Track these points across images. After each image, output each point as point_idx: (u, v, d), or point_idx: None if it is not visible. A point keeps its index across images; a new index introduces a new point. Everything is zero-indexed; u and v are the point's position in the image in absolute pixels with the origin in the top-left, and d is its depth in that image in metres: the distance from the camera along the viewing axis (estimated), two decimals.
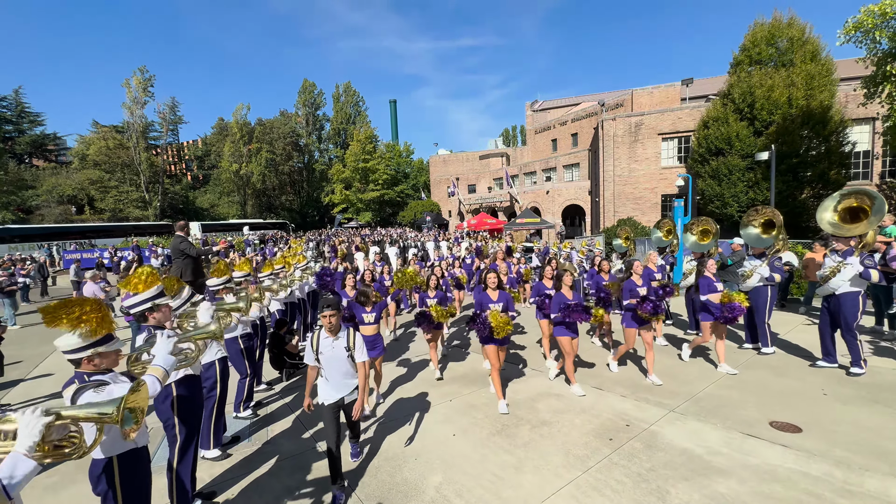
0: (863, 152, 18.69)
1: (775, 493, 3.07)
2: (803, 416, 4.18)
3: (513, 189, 32.18)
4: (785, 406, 4.45)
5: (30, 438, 1.51)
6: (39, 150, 47.94)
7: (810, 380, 5.10)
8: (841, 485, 3.12)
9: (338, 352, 3.32)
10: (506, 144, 54.35)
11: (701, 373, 5.54)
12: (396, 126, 76.35)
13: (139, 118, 44.33)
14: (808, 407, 4.40)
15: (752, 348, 6.36)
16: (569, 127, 32.74)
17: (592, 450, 3.79)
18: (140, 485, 2.36)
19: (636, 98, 27.55)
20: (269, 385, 5.83)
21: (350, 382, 3.41)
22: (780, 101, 16.47)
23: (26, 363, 7.47)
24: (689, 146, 21.18)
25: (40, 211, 40.08)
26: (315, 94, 56.44)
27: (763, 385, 5.04)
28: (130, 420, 1.79)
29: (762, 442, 3.78)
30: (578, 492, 3.22)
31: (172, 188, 49.81)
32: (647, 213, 22.70)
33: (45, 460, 1.60)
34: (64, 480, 3.71)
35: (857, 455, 3.48)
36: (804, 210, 16.29)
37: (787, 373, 5.39)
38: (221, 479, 3.64)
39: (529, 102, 40.31)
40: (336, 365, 3.33)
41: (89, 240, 27.79)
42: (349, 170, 46.80)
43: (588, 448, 3.82)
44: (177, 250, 6.76)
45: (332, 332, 3.33)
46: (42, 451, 1.58)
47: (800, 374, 5.32)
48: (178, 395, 3.14)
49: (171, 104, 48.62)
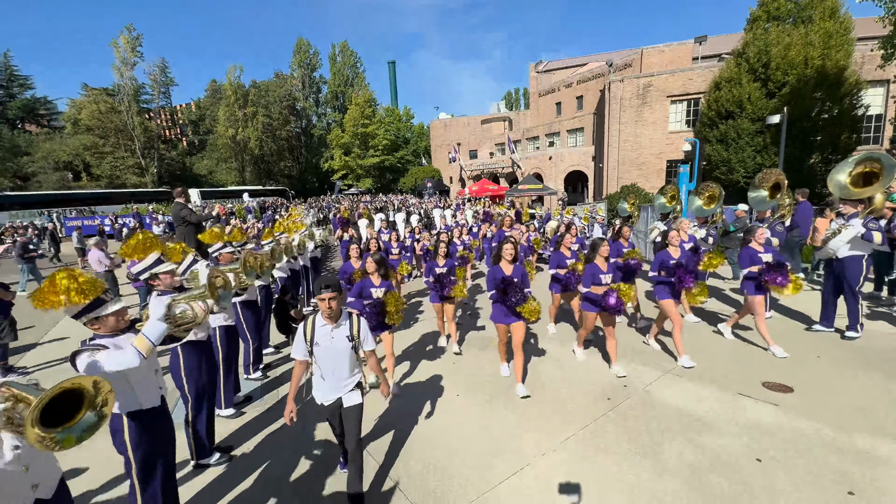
0: (875, 116, 18.17)
1: (765, 448, 3.22)
2: (796, 377, 4.30)
3: (515, 154, 31.57)
4: (779, 368, 4.57)
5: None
6: (31, 114, 46.77)
7: (806, 343, 5.21)
8: (830, 441, 3.26)
9: (338, 343, 2.72)
10: (508, 108, 52.74)
11: (700, 337, 5.65)
12: (396, 89, 73.92)
13: (129, 80, 42.91)
14: (802, 369, 4.53)
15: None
16: (574, 89, 31.62)
17: (590, 409, 3.94)
18: (151, 441, 2.47)
19: (646, 57, 26.40)
20: (276, 349, 6.00)
21: (349, 380, 2.83)
22: (797, 61, 15.80)
23: (38, 328, 7.65)
24: (699, 109, 20.55)
25: (37, 178, 39.70)
26: (310, 54, 54.18)
27: (758, 349, 5.16)
28: None
29: (754, 401, 3.92)
30: (577, 447, 3.39)
31: (168, 154, 48.95)
32: (651, 179, 22.36)
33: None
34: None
35: (846, 414, 3.61)
36: (812, 176, 16.03)
37: (783, 336, 5.48)
38: (237, 435, 3.83)
39: (534, 63, 38.67)
40: (335, 359, 2.74)
41: (89, 207, 27.65)
42: (348, 135, 45.74)
43: (586, 408, 3.98)
44: (178, 217, 6.75)
45: (332, 320, 2.72)
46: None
47: (796, 337, 5.42)
48: (185, 358, 3.25)
49: (161, 65, 46.87)
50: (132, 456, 2.40)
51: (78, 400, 1.65)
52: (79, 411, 1.65)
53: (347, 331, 2.77)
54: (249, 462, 3.43)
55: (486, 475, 3.11)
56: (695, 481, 2.92)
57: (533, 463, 3.21)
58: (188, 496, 3.02)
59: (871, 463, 2.99)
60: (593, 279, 4.50)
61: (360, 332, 2.83)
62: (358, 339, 2.81)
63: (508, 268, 4.32)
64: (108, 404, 1.73)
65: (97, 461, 3.46)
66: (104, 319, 2.31)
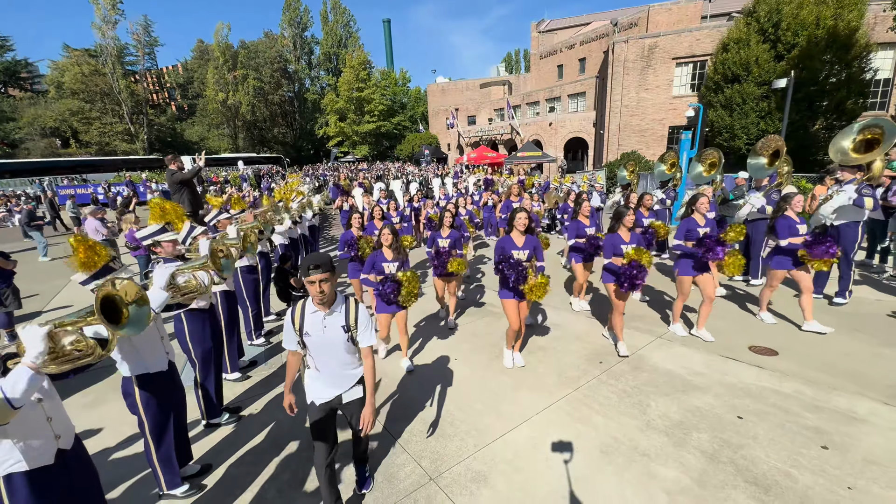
0: (882, 80, 17.72)
1: (746, 407, 3.39)
2: (782, 342, 4.47)
3: (514, 120, 30.82)
4: (766, 333, 4.73)
5: (34, 349, 1.67)
6: (13, 78, 44.76)
7: (795, 308, 5.34)
8: (809, 401, 3.44)
9: (331, 333, 2.27)
10: (508, 71, 50.93)
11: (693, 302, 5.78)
12: (391, 50, 70.90)
13: (112, 40, 40.93)
14: (788, 334, 4.69)
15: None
16: (576, 51, 30.42)
17: (583, 371, 4.11)
18: (161, 402, 2.60)
19: (653, 16, 25.24)
20: (278, 315, 6.12)
21: (350, 374, 2.41)
22: (808, 21, 15.20)
23: (42, 296, 7.75)
24: (704, 73, 19.93)
25: (25, 145, 38.69)
26: (301, 11, 51.51)
27: (748, 314, 5.30)
28: None
29: (740, 364, 4.08)
30: (569, 406, 3.56)
31: (158, 119, 47.50)
32: (652, 146, 22.02)
33: (62, 367, 1.80)
34: (97, 400, 4.06)
35: (828, 376, 3.79)
36: (814, 143, 15.84)
37: (772, 302, 5.64)
38: (244, 397, 3.99)
39: (535, 22, 36.93)
40: (329, 351, 2.31)
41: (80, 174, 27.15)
42: (343, 100, 44.30)
43: (580, 370, 4.14)
44: (173, 184, 6.69)
45: (325, 306, 2.25)
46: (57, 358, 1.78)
47: (784, 303, 5.56)
48: (189, 324, 3.34)
49: (144, 23, 44.54)
50: (144, 415, 2.53)
51: (114, 307, 1.91)
52: (122, 312, 1.92)
53: (343, 319, 2.29)
54: (258, 421, 3.60)
55: (483, 432, 3.29)
56: (678, 436, 3.10)
57: (527, 421, 3.38)
58: (201, 452, 3.20)
59: (848, 421, 3.17)
60: (614, 250, 4.23)
61: (359, 321, 2.32)
62: (355, 330, 2.32)
63: (520, 238, 3.94)
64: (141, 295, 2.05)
65: (112, 419, 3.63)
66: None
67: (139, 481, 2.95)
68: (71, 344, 1.81)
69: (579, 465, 2.90)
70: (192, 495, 2.76)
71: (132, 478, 2.98)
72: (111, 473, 3.00)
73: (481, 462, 2.97)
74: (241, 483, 2.89)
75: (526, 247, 3.92)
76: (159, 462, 2.63)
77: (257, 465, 3.04)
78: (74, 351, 1.81)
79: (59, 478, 1.84)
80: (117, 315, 1.93)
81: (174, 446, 2.70)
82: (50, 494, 1.79)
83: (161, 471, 2.64)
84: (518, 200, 7.11)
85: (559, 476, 2.80)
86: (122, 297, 1.96)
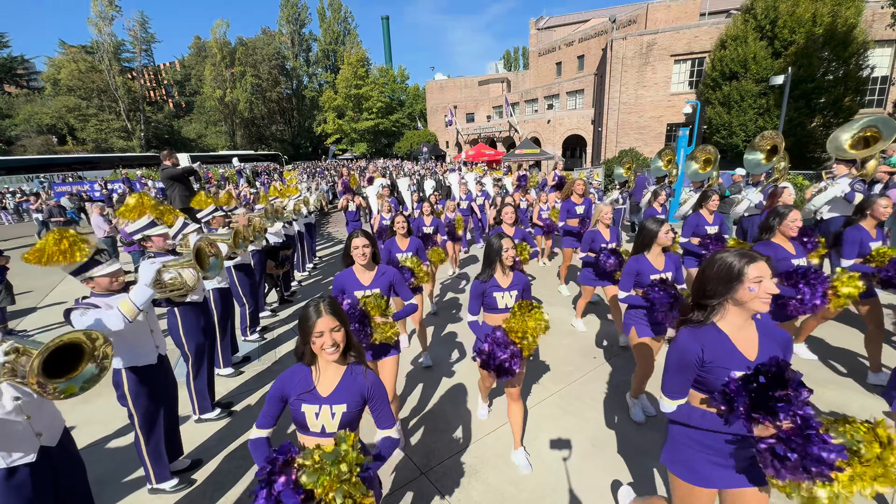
0: (880, 77, 17.74)
1: None
2: None
3: (513, 118, 30.78)
4: None
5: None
6: (9, 74, 44.44)
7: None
8: None
9: None
10: (507, 69, 50.84)
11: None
12: (390, 47, 70.54)
13: (108, 36, 40.68)
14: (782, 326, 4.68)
15: None
16: (575, 48, 30.38)
17: (577, 366, 4.10)
18: (150, 395, 2.58)
19: (651, 13, 25.21)
20: (273, 312, 6.10)
21: None
22: (805, 18, 15.20)
23: (37, 292, 7.72)
24: (702, 69, 19.92)
25: (21, 142, 38.47)
26: (299, 7, 51.27)
27: None
28: None
29: None
30: (562, 400, 3.56)
31: (155, 116, 47.28)
32: (650, 143, 22.01)
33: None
34: (91, 394, 4.01)
35: (821, 371, 3.79)
36: (811, 140, 15.85)
37: None
38: (237, 392, 3.98)
39: (534, 19, 36.82)
40: None
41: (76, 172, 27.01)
42: (341, 97, 44.17)
43: (573, 365, 4.14)
44: (167, 180, 6.65)
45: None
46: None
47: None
48: (182, 318, 3.32)
49: (141, 19, 44.27)
50: (133, 408, 2.52)
51: (79, 353, 1.72)
52: (80, 364, 1.72)
53: None
54: (249, 417, 3.59)
55: (475, 427, 3.28)
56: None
57: None
58: (192, 447, 3.18)
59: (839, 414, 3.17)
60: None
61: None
62: None
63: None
64: (108, 357, 1.78)
65: (105, 414, 3.62)
66: (97, 279, 2.36)
67: (129, 475, 2.94)
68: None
69: (571, 458, 2.89)
70: (181, 490, 2.75)
71: (122, 471, 2.98)
72: (102, 467, 2.99)
73: (473, 456, 2.97)
74: (231, 478, 2.89)
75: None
76: (149, 455, 2.62)
77: (247, 460, 3.03)
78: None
79: (42, 474, 1.83)
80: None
81: (164, 440, 2.69)
82: (29, 491, 1.77)
83: (150, 464, 2.64)
84: (583, 202, 5.67)
85: (551, 470, 2.80)
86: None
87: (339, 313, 1.64)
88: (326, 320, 1.59)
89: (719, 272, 1.57)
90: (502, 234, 2.69)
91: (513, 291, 2.70)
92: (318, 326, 1.58)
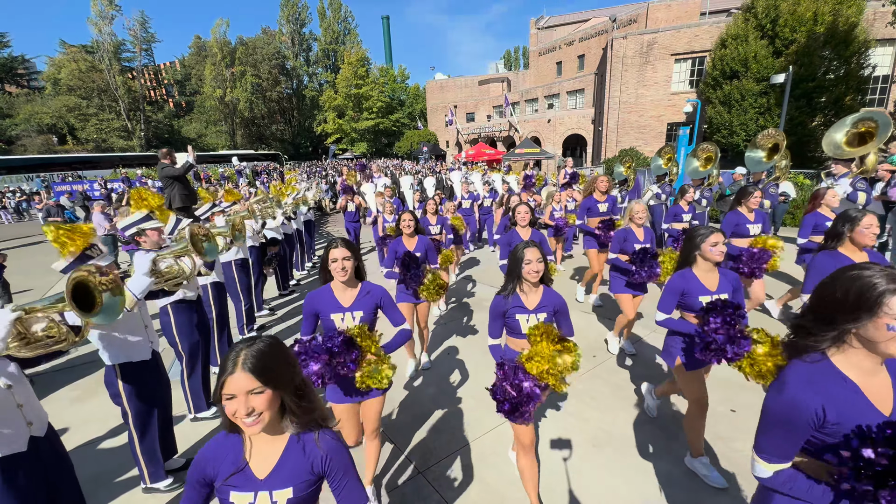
0: (881, 77, 17.70)
1: (740, 400, 3.36)
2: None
3: (513, 117, 30.74)
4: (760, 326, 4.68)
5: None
6: (10, 74, 44.51)
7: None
8: None
9: None
10: (507, 68, 50.78)
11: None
12: (390, 47, 70.48)
13: (108, 36, 40.72)
14: (779, 328, 4.65)
15: None
16: (575, 48, 30.33)
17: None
18: (144, 393, 2.55)
19: (652, 12, 25.18)
20: (271, 311, 6.07)
21: None
22: (806, 17, 15.15)
23: (36, 291, 7.69)
24: (703, 69, 19.89)
25: (21, 141, 38.52)
26: (299, 7, 51.27)
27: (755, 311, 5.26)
28: None
29: None
30: (562, 400, 3.53)
31: (155, 116, 47.32)
32: (650, 142, 21.97)
33: (35, 352, 1.78)
34: (86, 394, 4.01)
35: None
36: (812, 139, 15.81)
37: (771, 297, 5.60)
38: None
39: (535, 19, 36.79)
40: None
41: (76, 171, 27.00)
42: (341, 96, 44.19)
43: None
44: (164, 178, 6.63)
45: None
46: (28, 343, 1.76)
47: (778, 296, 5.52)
48: (175, 317, 3.28)
49: (141, 19, 44.31)
50: (127, 406, 2.49)
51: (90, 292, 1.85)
52: (96, 299, 1.85)
53: None
54: None
55: (473, 426, 3.25)
56: (671, 430, 3.07)
57: None
58: (187, 446, 3.15)
59: None
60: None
61: None
62: None
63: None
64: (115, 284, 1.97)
65: (99, 413, 3.59)
66: None
67: (123, 474, 2.90)
68: (43, 330, 1.76)
69: (571, 458, 2.86)
70: (175, 489, 2.72)
71: (116, 471, 2.94)
72: (96, 466, 2.96)
73: (471, 455, 2.94)
74: None
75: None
76: (143, 454, 2.59)
77: None
78: (46, 337, 1.76)
79: (32, 465, 1.81)
80: (90, 302, 1.85)
81: (158, 439, 2.66)
82: (22, 481, 1.75)
83: (144, 463, 2.61)
84: (606, 199, 5.18)
85: (550, 470, 2.77)
86: (96, 284, 1.87)
87: (267, 367, 1.10)
88: (242, 378, 1.07)
89: (846, 294, 1.13)
90: (530, 242, 2.26)
91: (541, 314, 2.21)
92: (229, 387, 1.07)
